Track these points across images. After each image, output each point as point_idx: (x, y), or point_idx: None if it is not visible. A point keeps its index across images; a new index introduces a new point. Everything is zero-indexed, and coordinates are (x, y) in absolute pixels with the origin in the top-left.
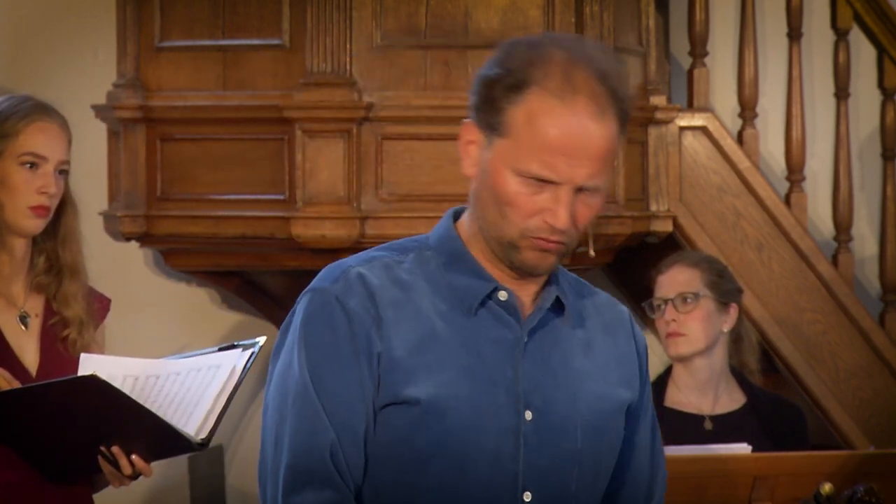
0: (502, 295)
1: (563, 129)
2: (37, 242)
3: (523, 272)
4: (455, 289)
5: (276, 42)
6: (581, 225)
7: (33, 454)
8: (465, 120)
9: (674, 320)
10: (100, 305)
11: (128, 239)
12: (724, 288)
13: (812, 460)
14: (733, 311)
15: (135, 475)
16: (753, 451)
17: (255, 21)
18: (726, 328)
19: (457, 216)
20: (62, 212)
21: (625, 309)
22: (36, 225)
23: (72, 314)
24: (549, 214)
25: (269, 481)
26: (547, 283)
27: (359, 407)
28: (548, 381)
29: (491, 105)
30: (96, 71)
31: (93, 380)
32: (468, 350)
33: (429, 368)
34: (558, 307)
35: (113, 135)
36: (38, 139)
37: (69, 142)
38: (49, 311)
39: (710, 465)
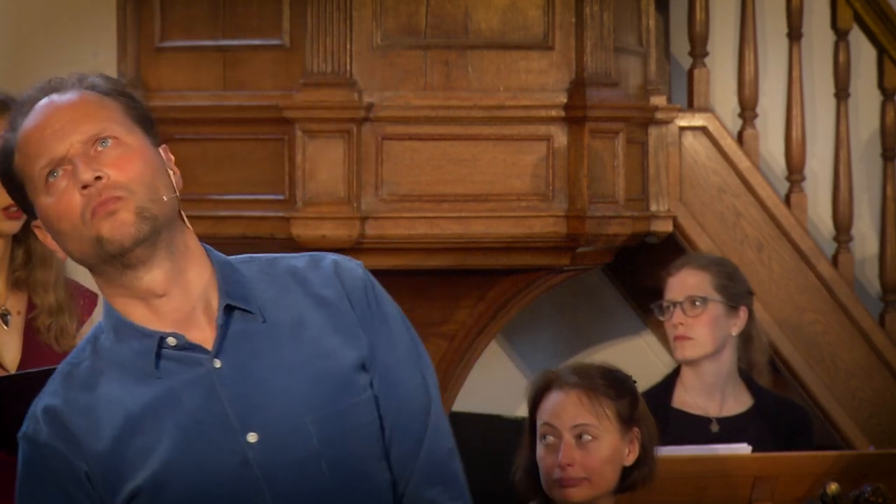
0: (171, 340)
1: (34, 125)
2: (17, 237)
3: (123, 251)
4: (130, 358)
5: (276, 42)
6: (125, 169)
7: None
8: (34, 223)
9: (682, 324)
10: (85, 301)
11: None
12: (734, 291)
13: (812, 460)
14: (742, 314)
15: None
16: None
17: (255, 21)
18: (735, 332)
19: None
20: None
21: (328, 260)
22: (11, 226)
23: (42, 301)
24: (76, 181)
25: None
26: (218, 299)
27: None
28: (259, 393)
29: (17, 192)
30: (96, 71)
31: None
32: (168, 410)
33: (142, 453)
34: (242, 312)
35: None
36: None
37: None
38: (31, 308)
39: (710, 465)
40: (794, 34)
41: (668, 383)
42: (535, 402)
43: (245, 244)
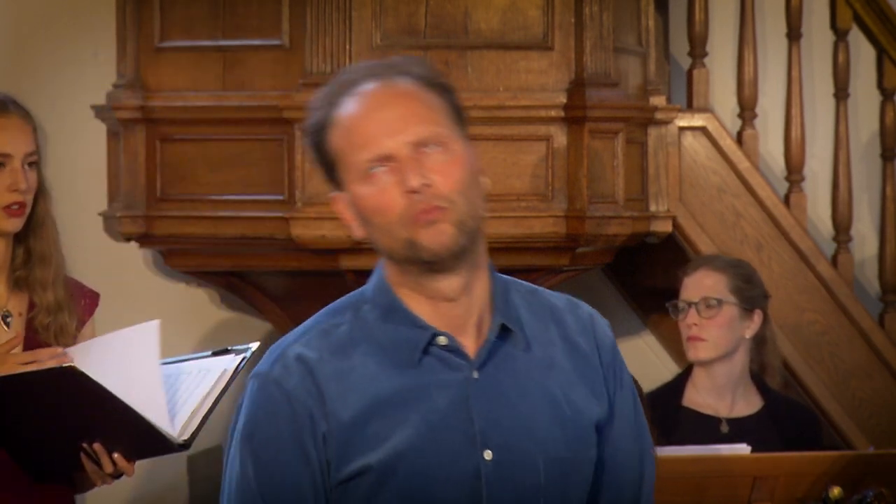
0: (441, 340)
1: (365, 113)
2: (18, 237)
3: (437, 260)
4: (395, 342)
5: (275, 42)
6: (450, 180)
7: (15, 447)
8: (332, 194)
9: (696, 325)
10: (87, 301)
11: (127, 239)
12: (749, 294)
13: (811, 460)
14: (757, 317)
15: (117, 474)
16: None
17: (255, 21)
18: (748, 334)
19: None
20: (35, 201)
21: (586, 311)
22: (13, 224)
23: (41, 299)
24: (403, 183)
25: None
26: (494, 311)
27: (305, 496)
28: (506, 416)
29: (322, 156)
30: (96, 71)
31: (70, 371)
32: (416, 403)
33: (378, 436)
34: (508, 333)
35: (113, 135)
36: None
37: (33, 131)
38: (32, 309)
39: (710, 465)
40: (794, 34)
41: (679, 382)
42: None
43: (245, 244)
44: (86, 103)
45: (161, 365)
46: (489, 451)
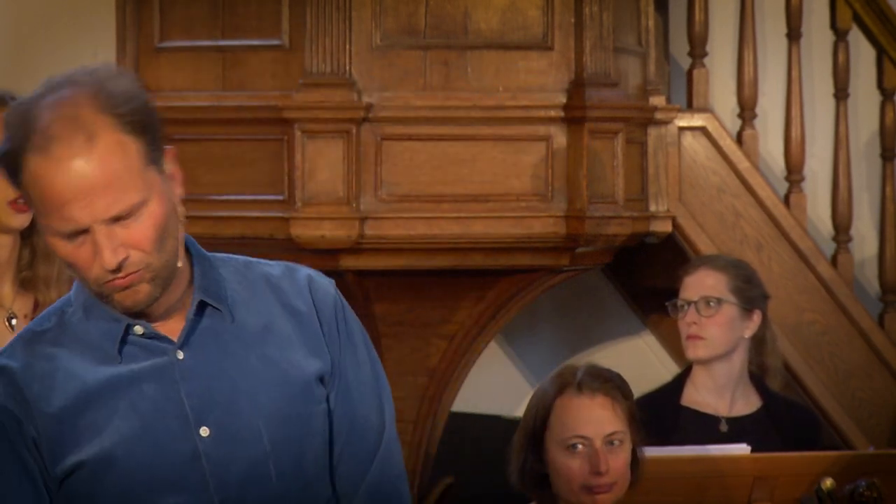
0: (137, 329)
1: (57, 181)
2: (23, 237)
3: (130, 313)
4: (95, 338)
5: (275, 42)
6: (146, 247)
7: None
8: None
9: (695, 323)
10: None
11: None
12: (749, 294)
13: (811, 460)
14: (756, 317)
15: None
16: None
17: (255, 21)
18: (748, 334)
19: None
20: None
21: (303, 275)
22: (19, 220)
23: (44, 298)
24: (99, 260)
25: None
26: (193, 290)
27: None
28: (218, 389)
29: (13, 178)
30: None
31: None
32: (124, 393)
33: (90, 429)
34: (214, 309)
35: None
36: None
37: None
38: (37, 309)
39: (710, 465)
40: (794, 34)
41: (678, 382)
42: (547, 408)
43: (244, 244)
44: None
45: None
46: (205, 428)
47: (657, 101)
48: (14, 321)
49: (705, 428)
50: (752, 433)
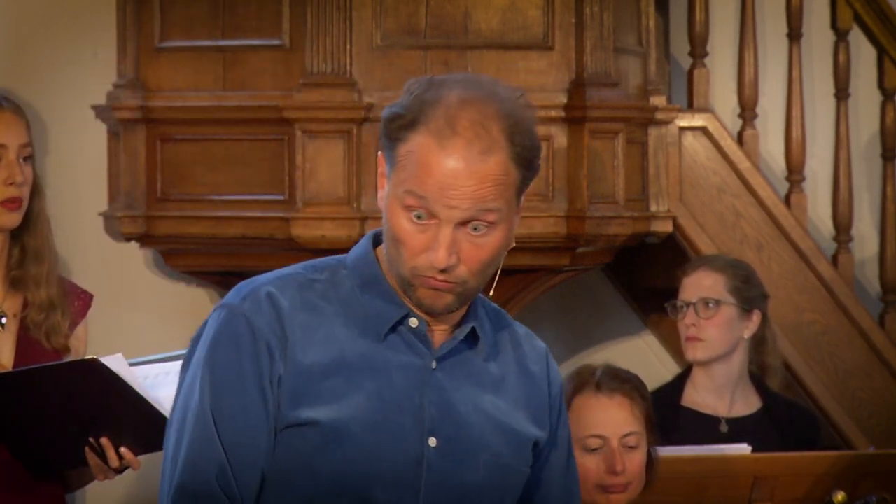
0: (413, 322)
1: (436, 167)
2: (13, 236)
3: (423, 310)
4: (367, 312)
5: (275, 42)
6: (474, 267)
7: (21, 443)
8: (379, 153)
9: (694, 325)
10: (80, 302)
11: (128, 239)
12: (748, 294)
13: (811, 460)
14: (756, 317)
15: (121, 468)
16: None
17: (255, 21)
18: (747, 335)
19: (377, 239)
20: (30, 198)
21: (542, 345)
22: (11, 219)
23: (34, 297)
24: (431, 253)
25: (163, 497)
26: (466, 317)
27: (257, 430)
28: (455, 412)
29: (388, 140)
30: (96, 71)
31: (93, 363)
32: (375, 375)
33: (333, 393)
34: (473, 339)
35: (113, 135)
36: None
37: (27, 126)
38: (26, 308)
39: (710, 465)
40: (794, 34)
41: (678, 382)
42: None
43: (245, 244)
44: (86, 103)
45: (159, 362)
46: (434, 439)
47: (658, 101)
48: (4, 320)
49: (705, 428)
50: (752, 433)
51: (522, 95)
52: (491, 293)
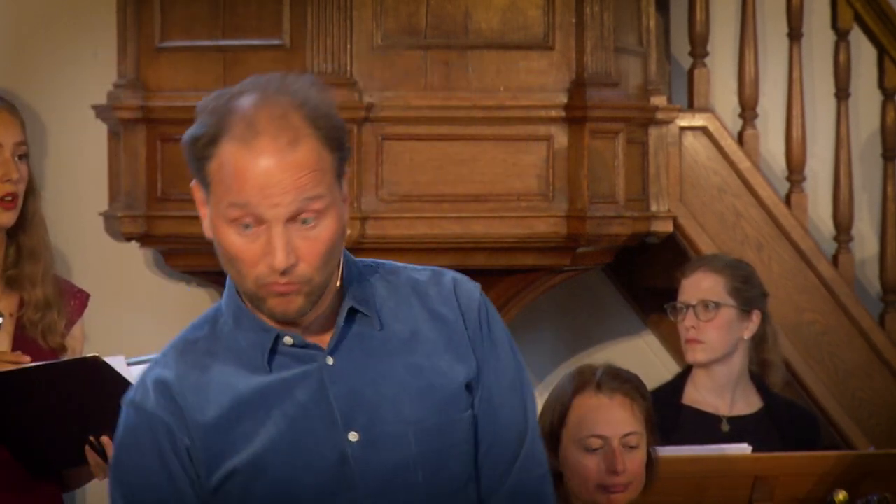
0: (287, 340)
1: (250, 170)
2: (9, 236)
3: (277, 320)
4: (245, 348)
5: (276, 42)
6: (314, 262)
7: (21, 442)
8: (193, 183)
9: (693, 327)
10: (77, 301)
11: (128, 239)
12: (747, 295)
13: (811, 460)
14: (756, 317)
15: None
16: None
17: (255, 21)
18: (747, 335)
19: None
20: (26, 198)
21: (448, 278)
22: (7, 217)
23: (30, 296)
24: (269, 258)
25: None
26: (341, 299)
27: None
28: (368, 395)
29: (196, 162)
30: (96, 71)
31: (95, 361)
32: (277, 400)
33: (242, 437)
34: (362, 316)
35: (113, 135)
36: None
37: (21, 124)
38: (22, 308)
39: (710, 465)
40: (795, 34)
41: (679, 381)
42: (565, 406)
43: None
44: (86, 103)
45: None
46: (354, 433)
47: (658, 100)
48: (0, 319)
49: (707, 428)
50: (753, 433)
51: (314, 80)
52: (338, 284)
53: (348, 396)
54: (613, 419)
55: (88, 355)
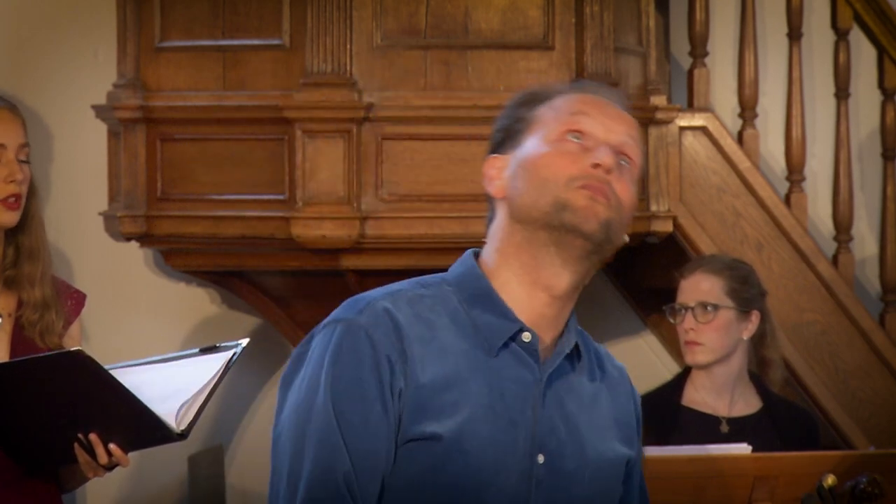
0: (526, 336)
1: (591, 98)
2: (7, 235)
3: (577, 229)
4: (478, 327)
5: (276, 42)
6: (623, 196)
7: (9, 438)
8: (489, 156)
9: (692, 329)
10: (73, 301)
11: (128, 239)
12: (746, 296)
13: (811, 460)
14: (755, 317)
15: (111, 465)
16: None
17: (255, 21)
18: (746, 336)
19: (476, 256)
20: (27, 198)
21: (621, 365)
22: (10, 217)
23: (28, 296)
24: (591, 155)
25: None
26: (566, 331)
27: (380, 441)
28: (560, 427)
29: (521, 118)
30: (96, 71)
31: (78, 355)
32: (490, 389)
33: (452, 406)
34: (574, 356)
35: (113, 135)
36: None
37: (23, 125)
38: (21, 308)
39: (710, 465)
40: (794, 34)
41: (678, 382)
42: None
43: (245, 244)
44: (86, 103)
45: (152, 364)
46: (542, 456)
47: (658, 100)
48: None
49: (706, 428)
50: (752, 434)
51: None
52: (626, 238)
53: (548, 421)
54: None
55: (73, 349)
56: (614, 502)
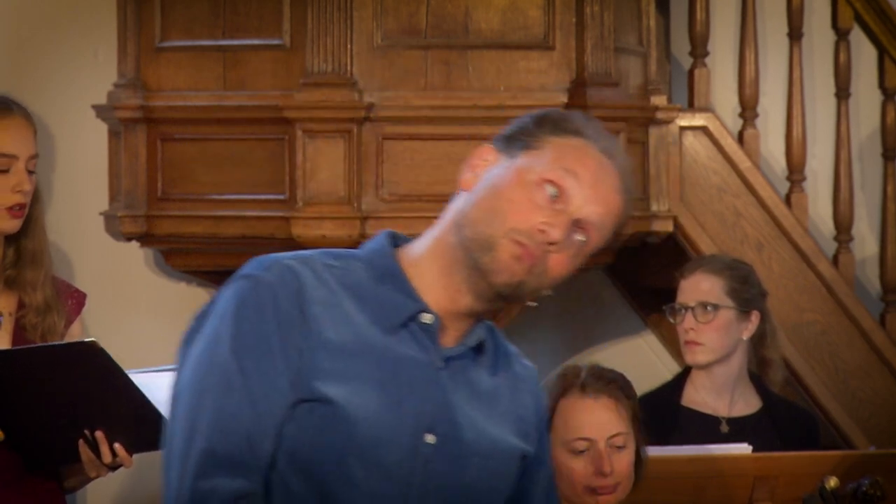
0: (426, 317)
1: (594, 165)
2: (8, 237)
3: (483, 272)
4: (381, 303)
5: (276, 42)
6: (554, 272)
7: (15, 430)
8: (486, 143)
9: (692, 329)
10: (74, 301)
11: (128, 239)
12: (746, 296)
13: (812, 460)
14: (755, 317)
15: (114, 465)
16: None
17: (256, 21)
18: (746, 336)
19: (394, 240)
20: (31, 203)
21: (531, 366)
22: (13, 225)
23: (31, 300)
24: (546, 224)
25: (176, 466)
26: (474, 327)
27: (279, 398)
28: (453, 412)
29: (532, 133)
30: (96, 71)
31: (93, 346)
32: (382, 364)
33: (344, 374)
34: (478, 350)
35: (113, 135)
36: (3, 139)
37: (35, 134)
38: (21, 309)
39: (710, 465)
40: (795, 34)
41: (678, 382)
42: (550, 409)
43: (245, 244)
44: (86, 103)
45: (161, 372)
46: (431, 436)
47: (658, 100)
48: (0, 319)
49: (706, 428)
50: (752, 434)
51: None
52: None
53: (440, 405)
54: (599, 421)
55: (87, 339)
56: (503, 494)
